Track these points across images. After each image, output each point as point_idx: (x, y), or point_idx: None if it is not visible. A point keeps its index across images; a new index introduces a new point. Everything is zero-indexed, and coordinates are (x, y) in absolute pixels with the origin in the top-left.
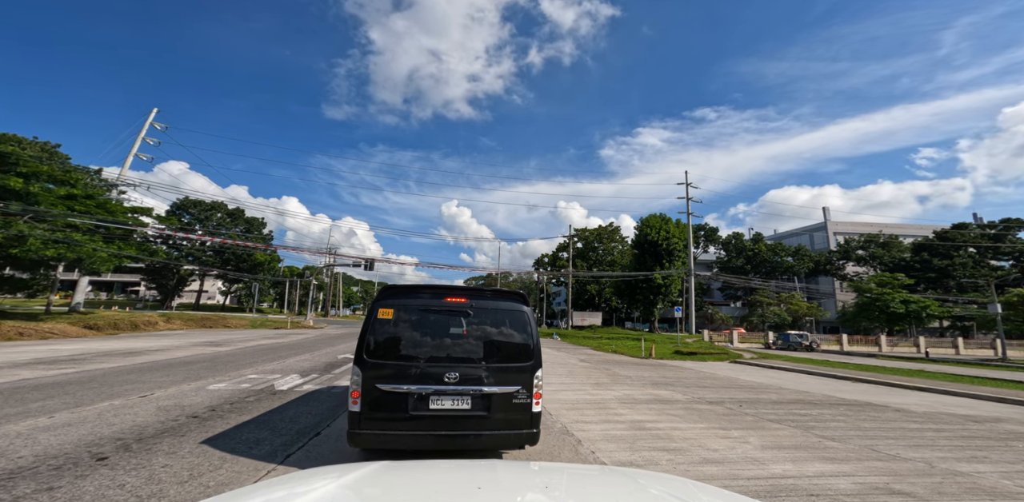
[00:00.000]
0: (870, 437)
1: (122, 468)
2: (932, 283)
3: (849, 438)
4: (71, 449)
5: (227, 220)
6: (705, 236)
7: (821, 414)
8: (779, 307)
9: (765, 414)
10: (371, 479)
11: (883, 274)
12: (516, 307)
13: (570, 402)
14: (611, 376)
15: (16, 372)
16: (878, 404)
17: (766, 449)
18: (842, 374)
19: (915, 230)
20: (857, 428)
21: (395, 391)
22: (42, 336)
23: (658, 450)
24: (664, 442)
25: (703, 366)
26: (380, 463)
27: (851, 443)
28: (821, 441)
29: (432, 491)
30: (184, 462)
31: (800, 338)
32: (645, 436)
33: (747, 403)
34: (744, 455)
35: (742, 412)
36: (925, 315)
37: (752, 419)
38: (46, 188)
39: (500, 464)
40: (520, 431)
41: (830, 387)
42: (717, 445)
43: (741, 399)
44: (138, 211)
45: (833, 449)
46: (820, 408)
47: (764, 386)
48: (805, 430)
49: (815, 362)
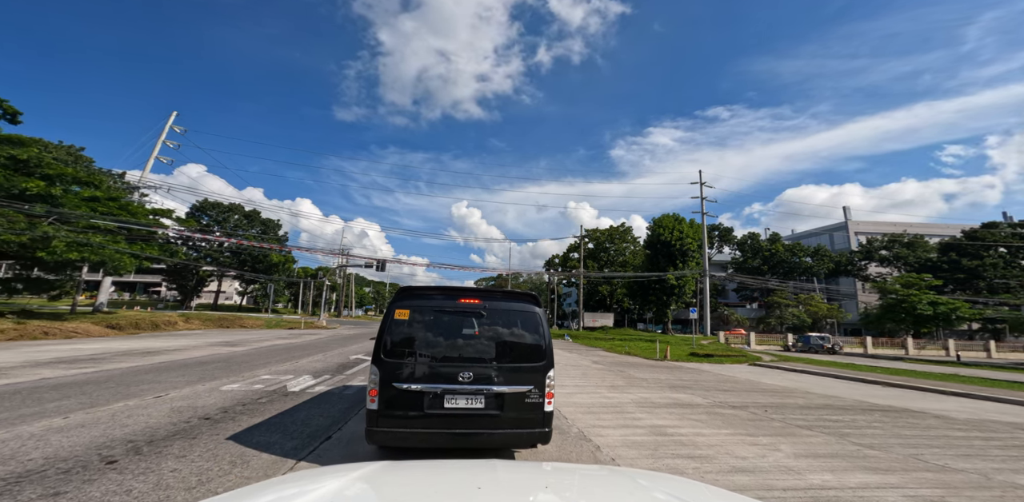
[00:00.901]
0: (913, 445)
1: (131, 472)
2: (961, 284)
3: (890, 446)
4: (81, 451)
5: (244, 222)
6: (719, 236)
7: (855, 420)
8: (798, 308)
9: (793, 420)
10: (372, 479)
11: (909, 275)
12: (528, 308)
13: (585, 405)
14: (626, 379)
15: (38, 371)
16: (915, 410)
17: (800, 457)
18: (871, 378)
19: (941, 230)
20: (897, 435)
21: (411, 390)
22: (66, 335)
23: (682, 457)
24: (688, 449)
25: (721, 369)
26: (381, 463)
27: (893, 452)
28: (859, 449)
29: (432, 491)
30: (194, 466)
31: (822, 340)
32: (667, 442)
33: (772, 408)
34: (776, 463)
35: (768, 417)
36: (955, 317)
37: (780, 425)
38: (70, 190)
39: (500, 464)
40: (532, 430)
41: (860, 391)
42: (746, 452)
43: (765, 403)
44: (159, 213)
45: (874, 458)
46: (853, 414)
47: (788, 390)
48: (840, 437)
49: (840, 365)
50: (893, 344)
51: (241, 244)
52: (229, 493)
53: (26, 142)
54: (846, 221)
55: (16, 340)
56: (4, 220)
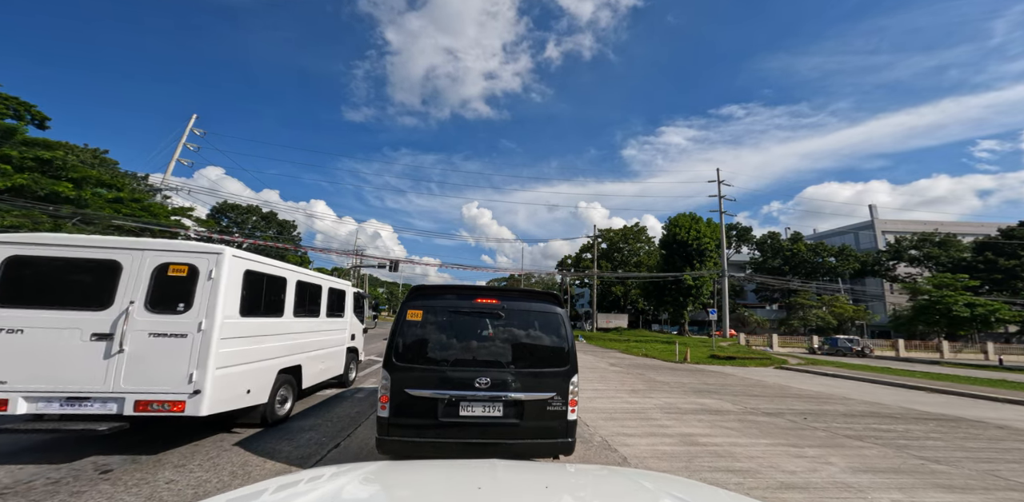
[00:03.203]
0: (983, 460)
1: (124, 484)
2: (998, 285)
3: (957, 461)
4: (76, 460)
5: (261, 223)
6: (737, 236)
7: (908, 430)
8: (822, 310)
9: (838, 429)
10: (372, 479)
11: (942, 275)
12: (550, 309)
13: (607, 411)
14: (647, 382)
15: None
16: (971, 419)
17: (857, 472)
18: (912, 383)
19: (975, 228)
20: (961, 448)
21: (424, 396)
22: None
23: (721, 471)
24: (726, 461)
25: (746, 372)
26: (381, 463)
27: (963, 467)
28: (924, 464)
29: (432, 491)
30: (192, 477)
31: (850, 342)
32: (701, 453)
33: (812, 415)
34: (831, 479)
35: (810, 426)
36: (994, 319)
37: (825, 435)
38: (96, 192)
39: (501, 464)
40: (555, 440)
41: (902, 397)
42: (793, 466)
43: (802, 410)
44: (179, 213)
45: (944, 474)
46: (904, 423)
47: (824, 395)
48: (897, 449)
49: (874, 369)
50: (927, 347)
51: (257, 245)
52: (229, 493)
53: (53, 146)
54: (872, 219)
55: None
56: (29, 222)
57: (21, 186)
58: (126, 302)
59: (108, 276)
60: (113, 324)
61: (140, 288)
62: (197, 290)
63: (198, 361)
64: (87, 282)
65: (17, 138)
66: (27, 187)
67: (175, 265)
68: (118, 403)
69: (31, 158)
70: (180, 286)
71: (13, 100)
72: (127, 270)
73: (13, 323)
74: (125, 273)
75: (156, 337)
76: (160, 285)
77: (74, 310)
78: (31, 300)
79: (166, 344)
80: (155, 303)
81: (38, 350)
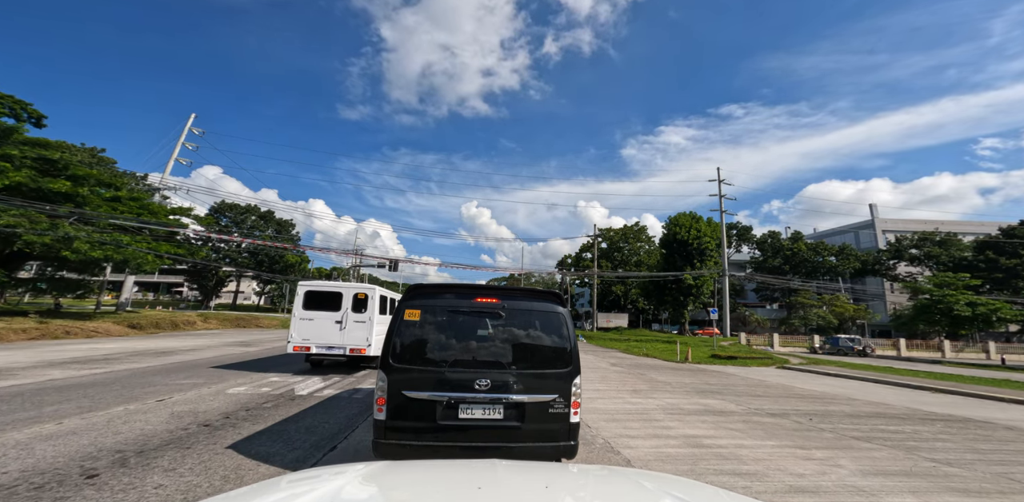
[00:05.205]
0: (996, 462)
1: (110, 489)
2: (999, 284)
3: (970, 463)
4: (63, 463)
5: (260, 223)
6: (738, 235)
7: (917, 431)
8: (823, 309)
9: (846, 430)
10: (371, 479)
11: (943, 274)
12: (552, 308)
13: (608, 412)
14: (648, 382)
15: (47, 372)
16: (979, 420)
17: (868, 475)
18: (916, 383)
19: (975, 227)
20: (973, 450)
21: (422, 398)
22: (87, 335)
23: (727, 474)
24: (733, 464)
25: (748, 372)
26: (381, 463)
27: (976, 470)
28: (935, 466)
29: (432, 491)
30: (181, 481)
31: (851, 342)
32: (707, 456)
33: (817, 416)
34: (842, 483)
35: (816, 427)
36: (996, 318)
37: (832, 436)
38: (94, 191)
39: (501, 464)
40: (557, 443)
41: (907, 398)
42: (802, 469)
43: (808, 411)
44: (178, 212)
45: (958, 477)
46: (912, 424)
47: (829, 396)
48: (907, 451)
49: (877, 369)
50: (928, 346)
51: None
52: (229, 493)
53: (51, 145)
54: (873, 219)
55: (38, 339)
56: (26, 221)
57: (19, 184)
58: (346, 308)
59: (339, 297)
60: (342, 316)
61: (349, 302)
62: (368, 303)
63: (369, 333)
64: (332, 299)
65: (17, 137)
66: (24, 185)
67: (360, 293)
68: (343, 349)
69: (35, 157)
70: (363, 302)
71: (8, 98)
72: (345, 296)
73: (310, 315)
74: (344, 297)
75: (356, 323)
76: (356, 302)
77: (328, 311)
78: (315, 306)
79: (359, 326)
80: (355, 308)
81: (318, 327)
